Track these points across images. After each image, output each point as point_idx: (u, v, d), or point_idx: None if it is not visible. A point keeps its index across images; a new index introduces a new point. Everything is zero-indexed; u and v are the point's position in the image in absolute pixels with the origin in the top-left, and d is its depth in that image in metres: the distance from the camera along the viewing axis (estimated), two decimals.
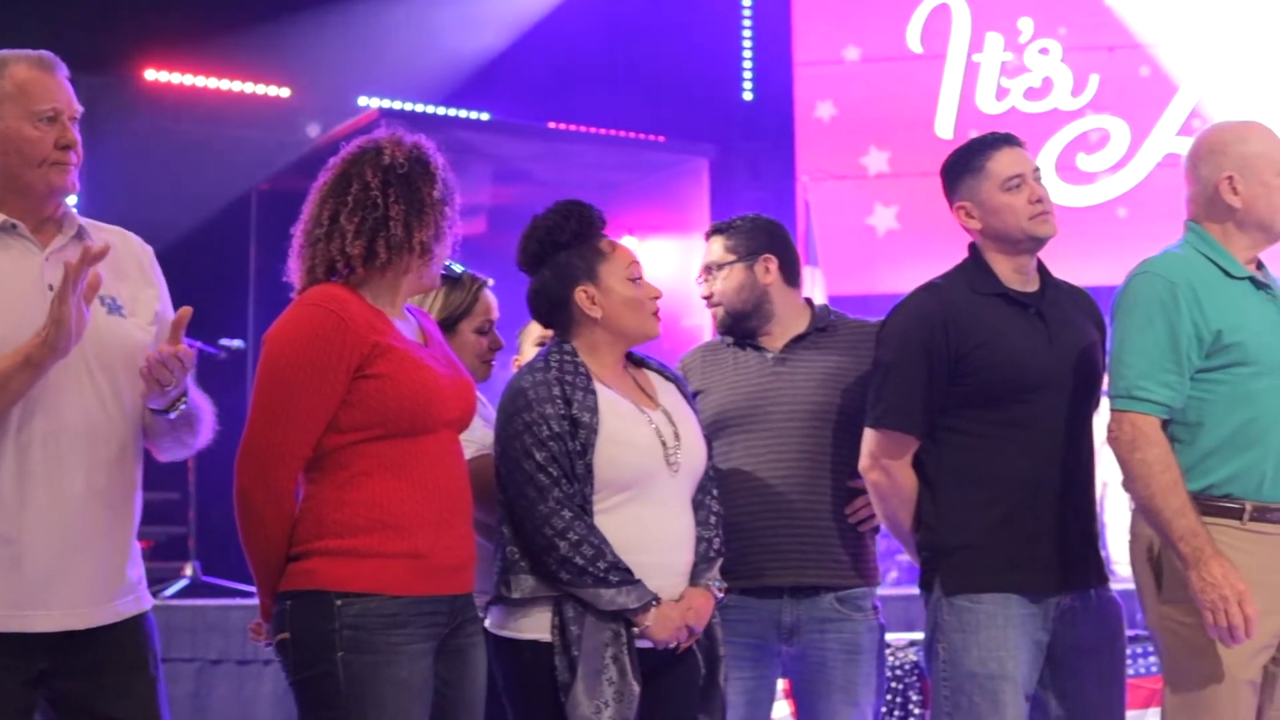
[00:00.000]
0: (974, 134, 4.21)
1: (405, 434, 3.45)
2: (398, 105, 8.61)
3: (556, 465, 3.66)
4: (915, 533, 4.03)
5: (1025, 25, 8.01)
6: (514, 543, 3.70)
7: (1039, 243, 4.09)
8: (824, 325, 4.40)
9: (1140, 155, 7.87)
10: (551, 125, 8.52)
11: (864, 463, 4.05)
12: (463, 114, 8.59)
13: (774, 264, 4.41)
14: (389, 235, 3.48)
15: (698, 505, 3.88)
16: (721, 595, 3.90)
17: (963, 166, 4.12)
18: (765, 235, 4.44)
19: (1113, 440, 3.83)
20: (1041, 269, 4.14)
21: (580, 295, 3.81)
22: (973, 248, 4.13)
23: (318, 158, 3.76)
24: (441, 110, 8.72)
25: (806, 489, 4.24)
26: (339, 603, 3.36)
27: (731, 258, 4.41)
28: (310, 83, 8.88)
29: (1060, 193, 8.00)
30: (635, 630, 3.70)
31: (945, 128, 8.28)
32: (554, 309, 3.84)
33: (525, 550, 3.68)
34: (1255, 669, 3.77)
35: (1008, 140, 4.13)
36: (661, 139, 8.49)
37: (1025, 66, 8.00)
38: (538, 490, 3.65)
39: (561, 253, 3.81)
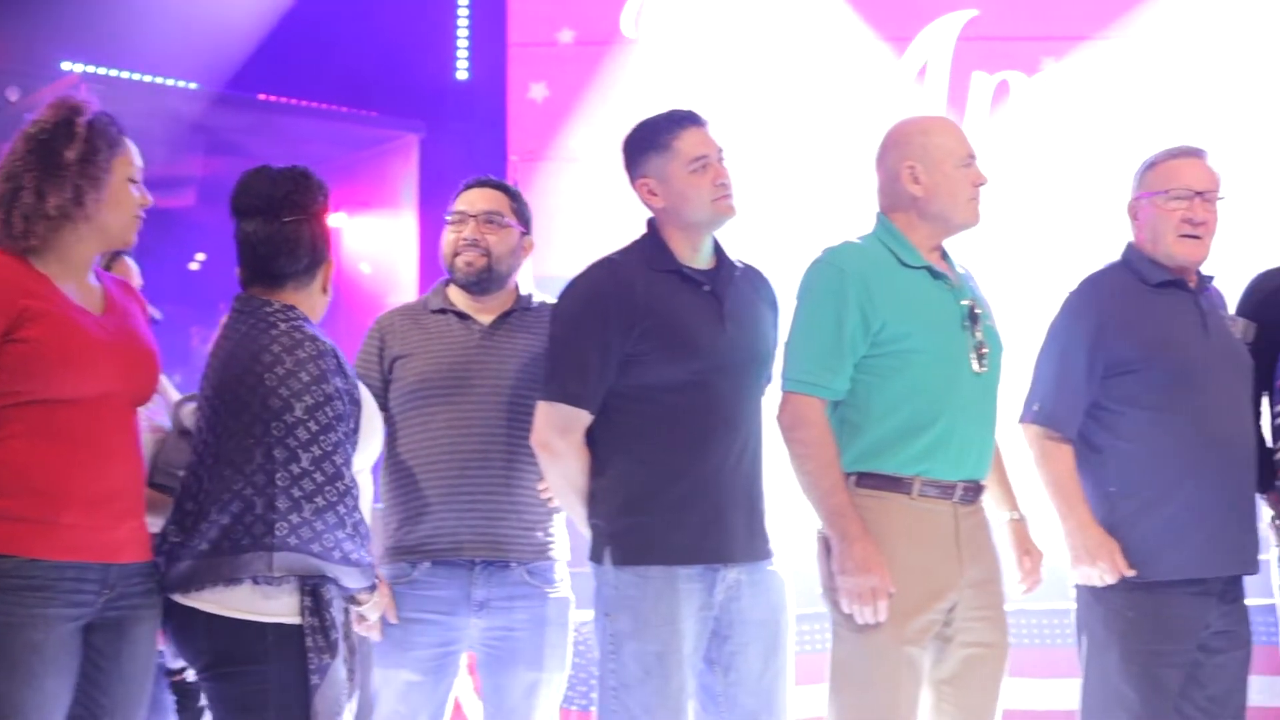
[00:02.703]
0: (712, 122, 4.22)
1: (56, 400, 3.37)
2: (102, 71, 8.40)
3: None
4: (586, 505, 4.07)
5: None
6: None
7: (719, 223, 4.14)
8: (529, 305, 4.43)
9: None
10: (262, 97, 8.42)
11: (536, 436, 4.06)
12: (170, 83, 8.43)
13: (530, 244, 4.48)
14: (20, 204, 3.40)
15: None
16: None
17: (648, 143, 4.13)
18: (528, 213, 4.51)
19: (777, 420, 3.92)
20: (718, 248, 4.19)
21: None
22: (651, 224, 4.15)
23: (13, 121, 3.66)
24: (149, 78, 8.54)
25: (504, 463, 4.27)
26: None
27: (514, 219, 4.43)
28: (11, 46, 8.61)
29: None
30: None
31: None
32: None
33: None
34: (919, 638, 3.88)
35: (694, 119, 4.16)
36: (373, 114, 8.46)
37: None
38: None
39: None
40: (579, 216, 7.43)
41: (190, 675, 3.72)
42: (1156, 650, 4.16)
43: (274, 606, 3.55)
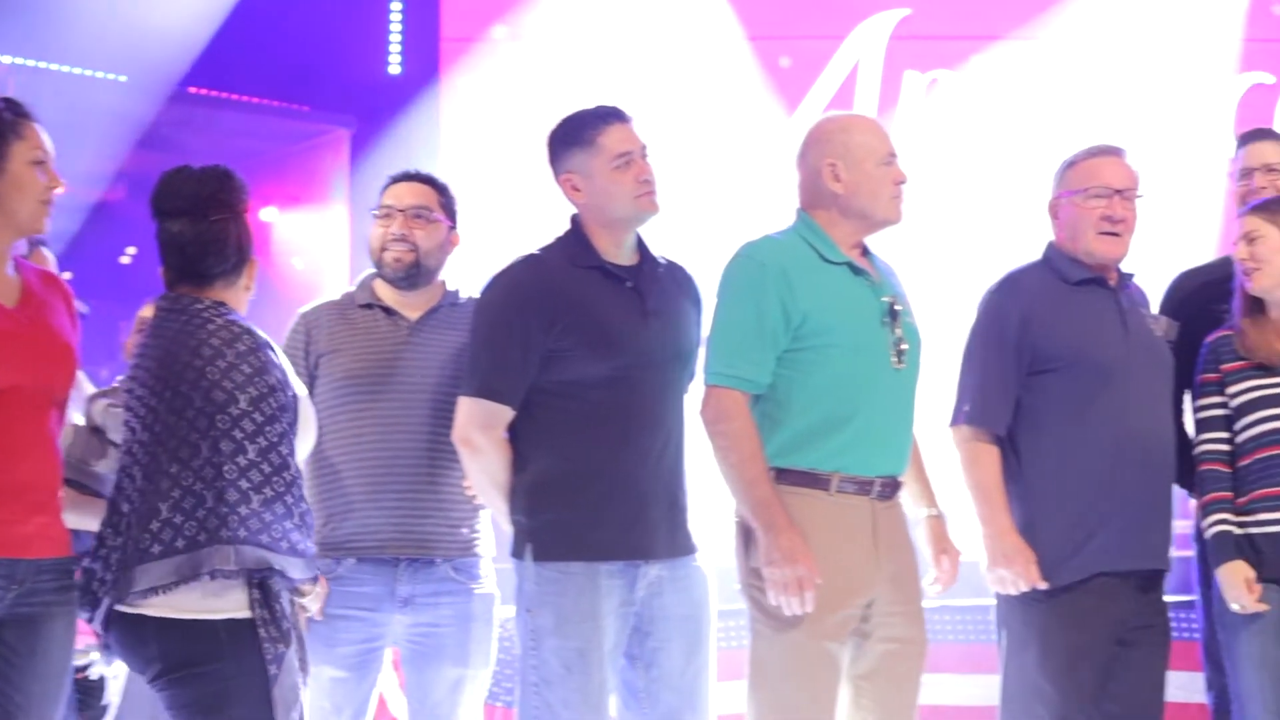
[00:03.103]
0: (637, 118, 4.23)
1: None
2: (30, 63, 8.32)
3: None
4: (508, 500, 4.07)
5: None
6: None
7: (642, 220, 4.14)
8: (454, 301, 4.43)
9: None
10: (193, 91, 8.37)
11: (458, 432, 4.05)
12: (100, 75, 8.36)
13: (457, 238, 4.48)
14: None
15: None
16: None
17: (572, 139, 4.12)
18: (456, 207, 4.51)
19: (700, 414, 3.93)
20: (641, 244, 4.19)
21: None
22: (574, 220, 4.15)
23: None
24: (78, 71, 8.46)
25: (430, 459, 4.27)
26: None
27: (442, 214, 4.43)
28: None
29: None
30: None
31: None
32: None
33: None
34: (837, 634, 3.90)
35: (619, 115, 4.16)
36: (305, 109, 8.41)
37: None
38: None
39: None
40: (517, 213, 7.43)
41: (93, 673, 3.69)
42: (1075, 645, 4.18)
43: (224, 603, 3.52)
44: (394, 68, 8.27)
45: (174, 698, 3.55)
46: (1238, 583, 4.18)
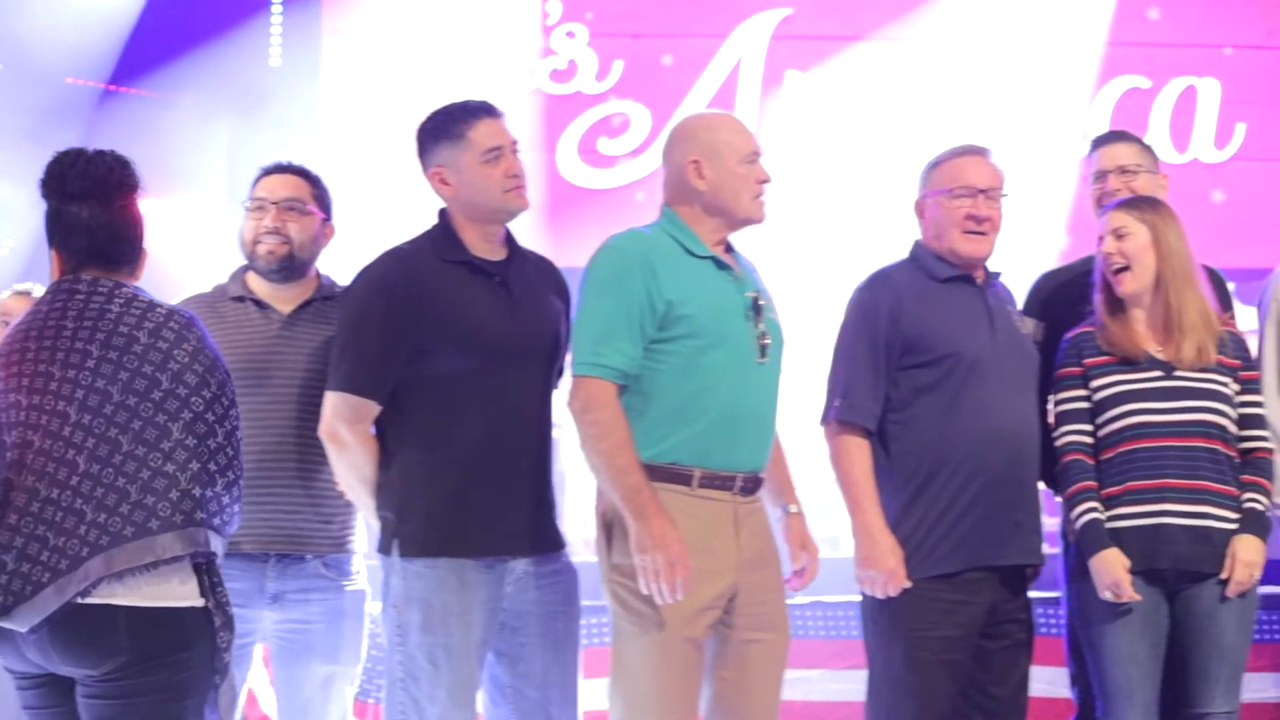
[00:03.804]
0: (506, 113, 4.22)
1: None
2: None
3: None
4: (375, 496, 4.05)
5: (553, 8, 8.10)
6: None
7: (511, 215, 4.14)
8: (329, 294, 4.40)
9: (659, 141, 7.99)
10: (70, 80, 8.27)
11: (324, 427, 4.03)
12: None
13: (331, 230, 4.45)
14: None
15: None
16: None
17: (442, 133, 4.11)
18: (329, 199, 4.48)
19: (569, 405, 3.93)
20: (509, 238, 4.19)
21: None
22: (442, 214, 4.14)
23: None
24: None
25: (301, 455, 4.23)
26: None
27: (315, 206, 4.41)
28: None
29: (581, 175, 8.16)
30: None
31: None
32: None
33: None
34: (699, 629, 3.90)
35: (488, 110, 4.15)
36: (184, 99, 8.33)
37: (551, 49, 8.11)
38: None
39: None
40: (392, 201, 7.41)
41: None
42: (940, 639, 4.22)
43: (187, 590, 3.45)
44: (274, 59, 8.24)
45: (130, 688, 3.42)
46: (1115, 572, 4.22)
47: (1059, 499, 4.46)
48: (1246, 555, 4.25)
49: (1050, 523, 4.66)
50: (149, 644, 3.41)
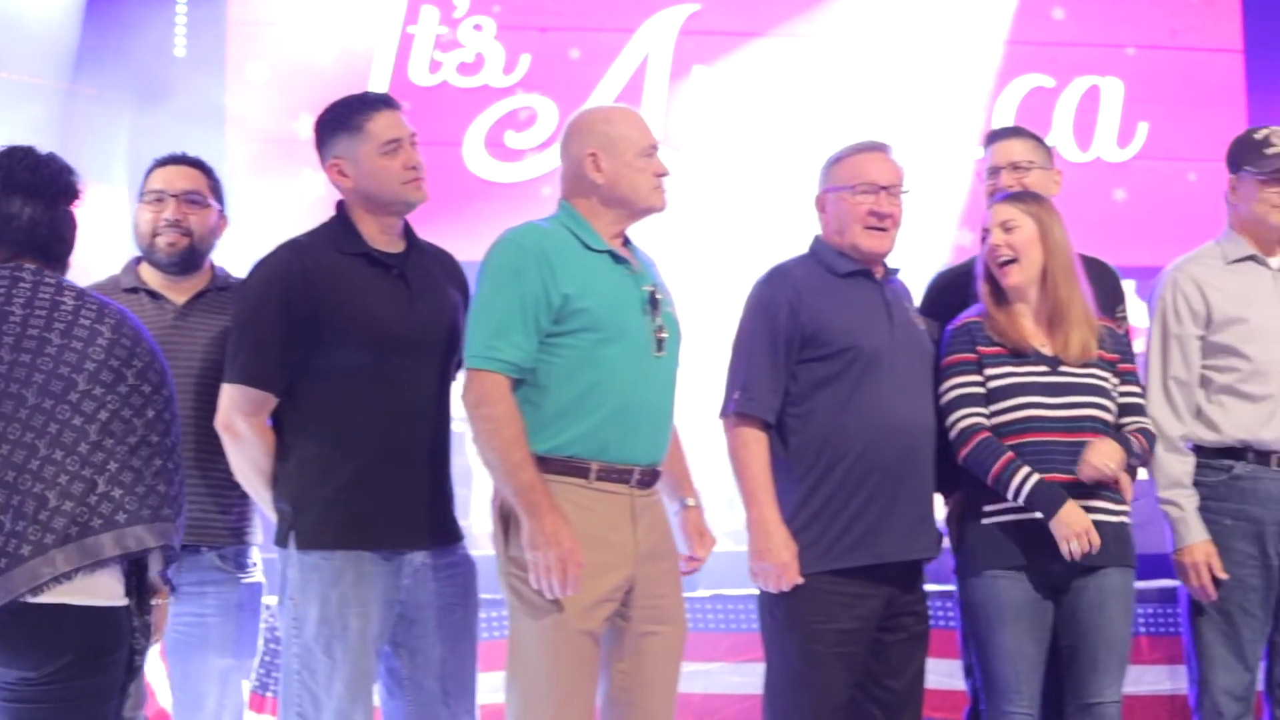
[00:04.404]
0: (406, 105, 4.22)
1: None
2: None
3: None
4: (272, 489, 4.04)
5: (461, 1, 8.10)
6: None
7: (409, 207, 4.14)
8: (223, 285, 4.39)
9: None
10: None
11: (220, 418, 4.02)
12: None
13: (226, 222, 4.47)
14: None
15: None
16: None
17: (339, 124, 4.12)
18: (223, 190, 4.50)
19: (463, 399, 3.93)
20: (408, 231, 4.18)
21: None
22: (340, 206, 4.14)
23: None
24: None
25: (195, 446, 4.20)
26: None
27: (212, 197, 4.42)
28: None
29: (489, 169, 8.13)
30: None
31: None
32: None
33: None
34: (595, 621, 3.91)
35: (387, 102, 4.16)
36: (87, 89, 8.25)
37: (458, 42, 8.06)
38: None
39: None
40: (299, 198, 7.37)
41: None
42: (836, 632, 4.25)
43: (119, 588, 3.42)
44: (179, 49, 8.17)
45: (68, 690, 3.38)
46: (1082, 521, 4.24)
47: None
48: (1105, 446, 4.29)
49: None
50: (96, 641, 3.39)
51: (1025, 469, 4.27)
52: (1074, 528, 4.22)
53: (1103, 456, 4.24)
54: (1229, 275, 4.82)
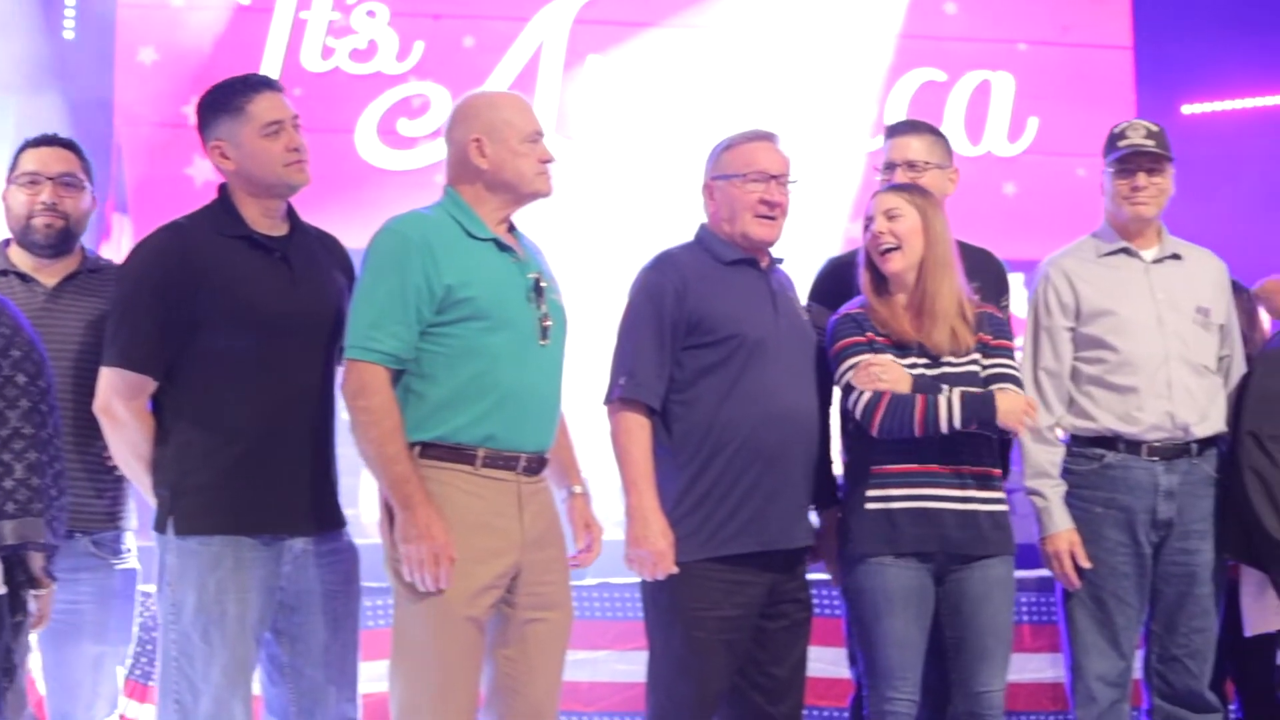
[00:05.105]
0: (298, 92, 4.19)
1: None
2: None
3: None
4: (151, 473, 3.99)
5: None
6: None
7: (292, 189, 4.10)
8: (94, 267, 4.36)
9: None
10: None
11: (99, 402, 3.97)
12: None
13: (95, 203, 4.46)
14: None
15: None
16: None
17: (221, 106, 4.08)
18: (94, 172, 4.47)
19: (341, 389, 3.91)
20: (291, 214, 4.15)
21: None
22: (222, 189, 4.10)
23: None
24: None
25: (71, 429, 4.14)
26: None
27: (86, 179, 4.39)
28: None
29: (381, 156, 8.10)
30: None
31: None
32: None
33: None
34: (480, 608, 3.90)
35: (268, 84, 4.13)
36: None
37: (351, 28, 8.02)
38: None
39: None
40: (187, 184, 7.31)
41: None
42: (719, 619, 4.25)
43: None
44: (68, 33, 8.06)
45: None
46: (1022, 402, 4.34)
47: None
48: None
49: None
50: None
51: (941, 396, 4.29)
52: (1017, 414, 4.31)
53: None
54: (1100, 268, 4.88)
